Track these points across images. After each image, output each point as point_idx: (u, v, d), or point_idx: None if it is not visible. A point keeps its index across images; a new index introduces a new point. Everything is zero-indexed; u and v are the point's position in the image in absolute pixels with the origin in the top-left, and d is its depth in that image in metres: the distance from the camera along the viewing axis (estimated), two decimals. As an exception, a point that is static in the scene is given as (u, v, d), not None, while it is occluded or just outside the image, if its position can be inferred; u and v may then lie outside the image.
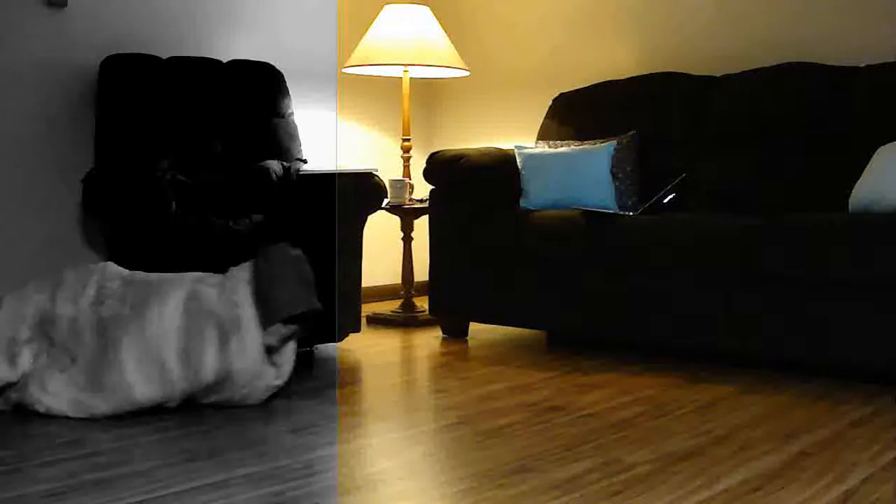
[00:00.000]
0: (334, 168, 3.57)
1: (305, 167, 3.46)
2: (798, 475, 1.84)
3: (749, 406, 2.44)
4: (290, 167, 3.37)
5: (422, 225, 4.13)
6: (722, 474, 1.85)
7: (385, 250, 4.52)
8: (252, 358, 2.40)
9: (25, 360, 2.38)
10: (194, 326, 2.37)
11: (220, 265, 2.95)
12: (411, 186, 4.05)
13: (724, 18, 3.81)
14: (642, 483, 1.80)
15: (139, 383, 2.32)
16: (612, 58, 4.15)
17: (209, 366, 2.35)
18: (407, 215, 4.03)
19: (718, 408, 2.42)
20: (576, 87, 4.08)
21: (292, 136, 3.64)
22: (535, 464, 1.93)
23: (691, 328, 2.91)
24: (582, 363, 3.04)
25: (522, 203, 3.55)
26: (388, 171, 4.42)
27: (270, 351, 2.48)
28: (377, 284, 4.55)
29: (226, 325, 2.39)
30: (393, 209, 3.98)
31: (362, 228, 3.34)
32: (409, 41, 4.02)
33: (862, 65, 3.31)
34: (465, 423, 2.28)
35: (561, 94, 4.03)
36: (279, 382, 2.49)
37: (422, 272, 4.21)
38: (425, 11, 4.16)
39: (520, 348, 3.35)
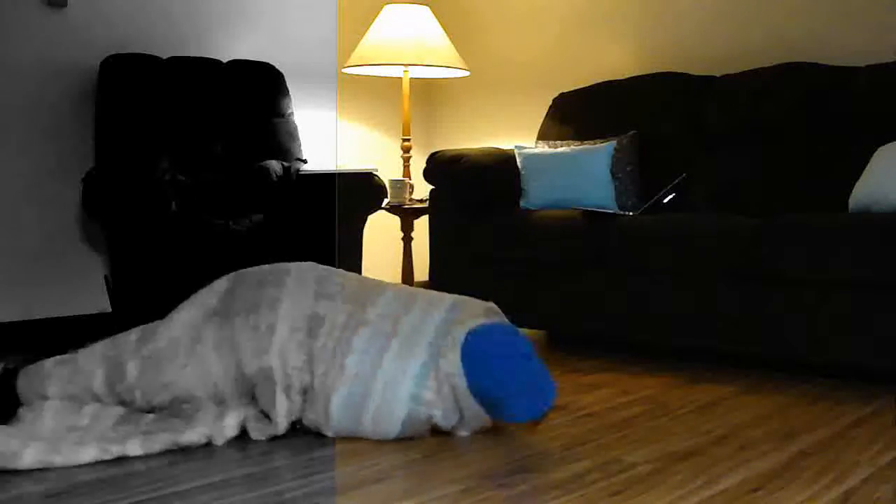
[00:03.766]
0: (334, 168, 3.57)
1: (305, 167, 3.47)
2: (798, 475, 1.84)
3: (749, 406, 2.44)
4: (290, 167, 3.38)
5: (422, 225, 4.13)
6: (722, 474, 1.85)
7: (385, 250, 4.52)
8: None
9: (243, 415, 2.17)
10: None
11: (220, 265, 2.95)
12: (411, 186, 4.05)
13: (724, 18, 3.81)
14: (642, 483, 1.80)
15: (334, 419, 2.12)
16: (611, 58, 4.15)
17: (396, 425, 2.12)
18: (407, 215, 4.03)
19: (718, 408, 2.42)
20: (576, 87, 4.08)
21: (292, 136, 3.64)
22: (535, 464, 1.93)
23: (691, 328, 2.91)
24: (582, 363, 3.04)
25: (522, 203, 3.55)
26: (388, 171, 4.42)
27: None
28: (377, 284, 4.54)
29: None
30: (393, 209, 3.98)
31: (362, 228, 3.34)
32: (409, 41, 4.02)
33: (862, 65, 3.31)
34: (465, 423, 2.28)
35: (561, 94, 4.03)
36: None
37: (422, 272, 4.21)
38: (425, 11, 4.16)
39: (520, 348, 3.34)
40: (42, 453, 1.90)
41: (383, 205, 3.67)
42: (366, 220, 3.36)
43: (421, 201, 4.01)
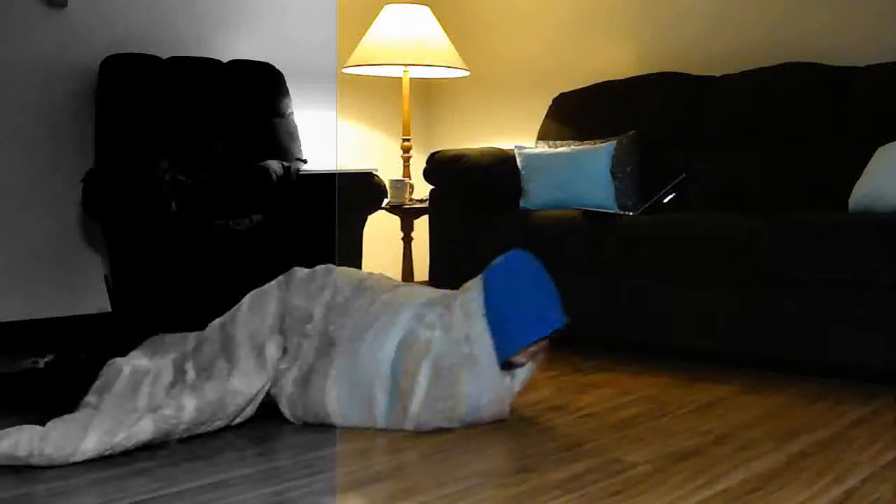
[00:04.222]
0: (334, 168, 3.57)
1: (305, 167, 3.47)
2: (798, 475, 1.84)
3: (749, 406, 2.44)
4: (290, 167, 3.38)
5: (422, 225, 4.13)
6: (722, 474, 1.85)
7: (385, 250, 4.52)
8: (492, 389, 2.20)
9: (272, 355, 2.24)
10: (411, 366, 2.15)
11: (220, 265, 2.95)
12: (411, 186, 4.05)
13: (724, 18, 3.81)
14: (642, 483, 1.80)
15: (336, 413, 2.18)
16: (611, 58, 4.15)
17: (416, 407, 2.15)
18: (407, 215, 4.03)
19: (718, 408, 2.42)
20: (576, 87, 4.08)
21: (292, 136, 3.64)
22: (535, 464, 1.93)
23: (691, 328, 2.91)
24: (582, 363, 3.04)
25: (522, 203, 3.55)
26: (388, 171, 4.42)
27: (512, 366, 2.27)
28: (377, 284, 4.55)
29: (450, 363, 2.16)
30: (393, 209, 3.98)
31: (362, 228, 3.34)
32: (409, 41, 4.02)
33: (862, 65, 3.31)
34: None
35: (561, 94, 4.03)
36: (516, 391, 2.30)
37: (422, 272, 4.20)
38: (425, 11, 4.16)
39: (520, 348, 3.34)
40: (103, 436, 1.91)
41: (383, 205, 3.67)
42: (366, 220, 3.36)
43: (421, 201, 4.01)
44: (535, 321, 2.21)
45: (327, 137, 4.33)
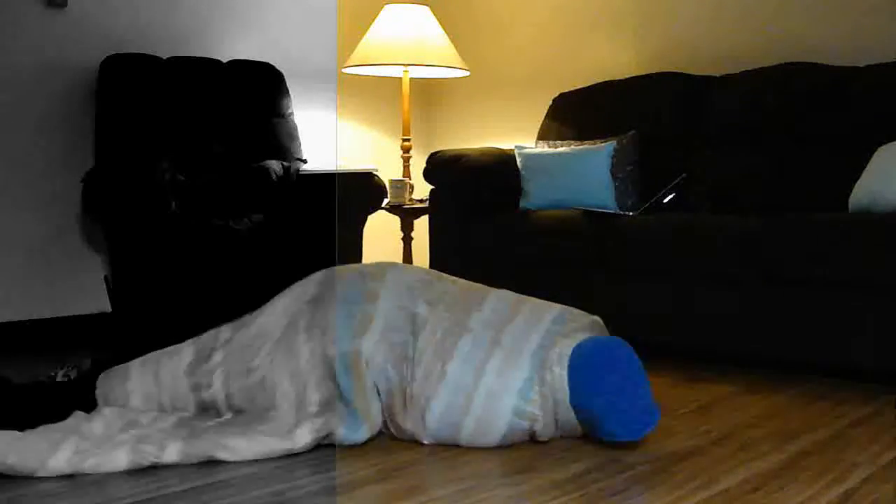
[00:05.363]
0: (334, 168, 3.57)
1: (305, 167, 3.47)
2: (798, 475, 1.84)
3: (749, 406, 2.44)
4: (290, 167, 3.38)
5: (422, 225, 4.13)
6: (722, 474, 1.85)
7: (385, 250, 4.52)
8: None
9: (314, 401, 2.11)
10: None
11: (220, 265, 2.95)
12: (411, 186, 4.05)
13: (725, 18, 3.81)
14: (642, 483, 1.80)
15: (431, 427, 2.08)
16: (611, 58, 4.15)
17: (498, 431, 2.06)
18: (407, 215, 4.03)
19: (718, 408, 2.42)
20: (576, 87, 4.08)
21: (292, 136, 3.64)
22: (535, 464, 1.93)
23: (691, 328, 2.91)
24: (582, 363, 3.04)
25: (522, 203, 3.55)
26: (388, 171, 4.42)
27: None
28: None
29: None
30: (393, 209, 3.98)
31: (362, 228, 3.34)
32: (408, 41, 4.02)
33: (862, 65, 3.31)
34: (465, 423, 2.27)
35: (561, 94, 4.03)
36: None
37: (422, 272, 4.20)
38: (425, 11, 4.16)
39: (520, 348, 3.34)
40: (73, 457, 1.84)
41: (383, 205, 3.67)
42: (366, 220, 3.36)
43: (421, 201, 4.01)
44: (631, 423, 1.99)
45: (327, 137, 4.33)
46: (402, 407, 2.09)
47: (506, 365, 2.05)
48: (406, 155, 4.21)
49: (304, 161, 3.55)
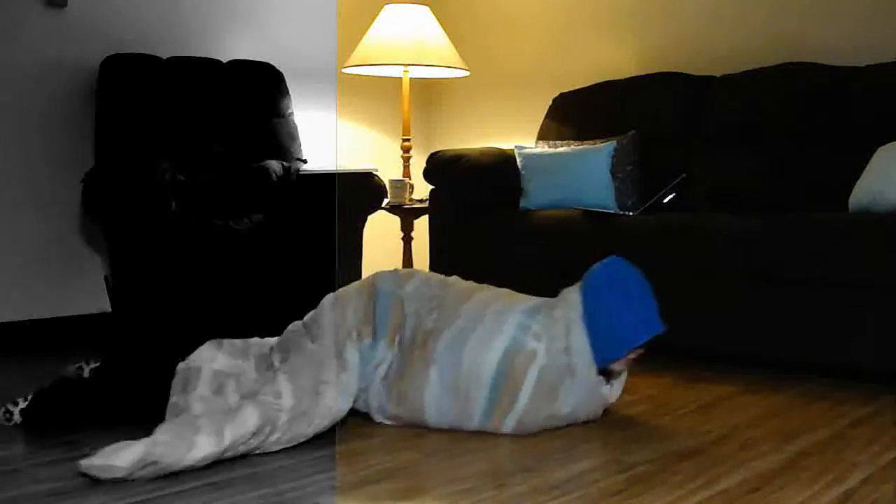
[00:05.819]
0: (334, 168, 3.57)
1: (305, 167, 3.47)
2: (798, 475, 1.84)
3: (749, 406, 2.44)
4: (290, 167, 3.37)
5: (422, 225, 4.13)
6: (722, 474, 1.85)
7: (385, 250, 4.52)
8: (589, 399, 2.21)
9: (353, 356, 2.20)
10: (517, 375, 2.14)
11: (220, 265, 2.95)
12: (411, 186, 4.05)
13: (724, 18, 3.81)
14: (642, 483, 1.80)
15: (432, 412, 2.16)
16: (611, 58, 4.15)
17: (517, 414, 2.14)
18: (407, 215, 4.03)
19: (718, 408, 2.42)
20: (576, 87, 4.08)
21: (292, 136, 3.64)
22: (535, 464, 1.93)
23: (691, 328, 2.91)
24: (582, 363, 3.04)
25: (522, 203, 3.55)
26: (388, 171, 4.42)
27: (610, 374, 2.30)
28: (377, 284, 4.55)
29: (554, 375, 2.15)
30: (393, 209, 3.98)
31: (362, 228, 3.34)
32: (409, 41, 4.02)
33: (862, 65, 3.31)
34: (465, 423, 2.27)
35: (561, 94, 4.03)
36: (612, 400, 2.33)
37: (422, 272, 4.20)
38: (425, 11, 4.16)
39: (520, 348, 3.34)
40: (212, 441, 1.85)
41: (383, 205, 3.67)
42: (366, 220, 3.36)
43: (421, 201, 4.01)
44: (633, 329, 2.23)
45: (327, 137, 4.33)
46: (414, 344, 2.20)
47: (507, 307, 2.24)
48: (406, 155, 4.21)
49: (304, 161, 3.55)
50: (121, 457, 1.78)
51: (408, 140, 4.21)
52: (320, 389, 2.08)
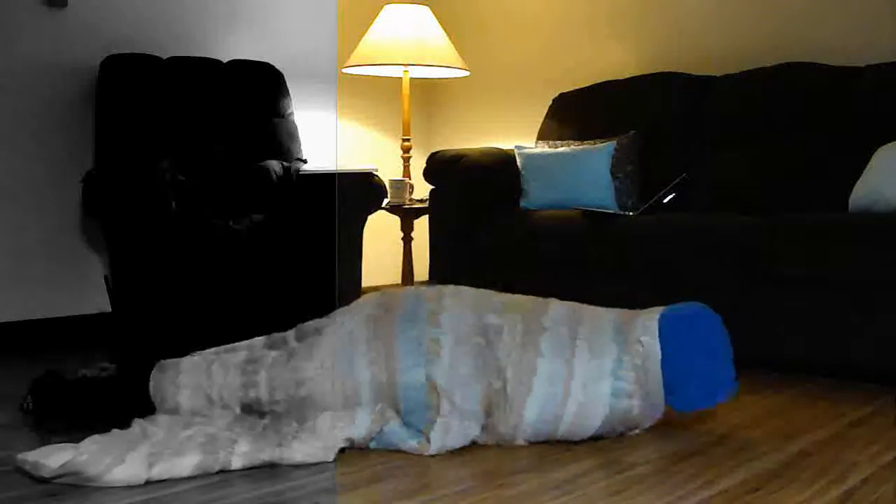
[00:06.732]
0: (334, 168, 3.57)
1: (305, 167, 3.47)
2: (798, 475, 1.84)
3: (749, 406, 2.44)
4: (290, 167, 3.38)
5: (422, 225, 4.13)
6: (722, 474, 1.85)
7: (385, 250, 4.52)
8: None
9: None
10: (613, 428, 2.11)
11: (220, 265, 2.95)
12: (411, 186, 4.05)
13: (725, 18, 3.81)
14: (642, 483, 1.80)
15: (530, 423, 2.07)
16: (611, 58, 4.15)
17: (597, 422, 2.09)
18: (407, 215, 4.03)
19: (718, 408, 2.42)
20: (576, 87, 4.08)
21: (292, 136, 3.64)
22: (535, 464, 1.93)
23: (691, 328, 2.91)
24: (582, 363, 3.03)
25: (522, 203, 3.55)
26: (388, 171, 4.42)
27: None
28: (377, 284, 4.55)
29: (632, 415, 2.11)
30: (393, 209, 3.98)
31: (362, 228, 3.34)
32: (409, 41, 4.02)
33: (862, 65, 3.31)
34: (465, 423, 2.27)
35: (561, 94, 4.03)
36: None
37: (422, 272, 4.21)
38: (425, 11, 4.16)
39: (520, 348, 3.34)
40: (137, 467, 1.79)
41: (383, 205, 3.67)
42: (366, 220, 3.36)
43: (421, 201, 4.01)
44: (709, 396, 2.11)
45: (327, 137, 4.33)
46: (498, 409, 2.07)
47: (593, 352, 2.09)
48: (406, 155, 4.21)
49: (305, 161, 3.55)
50: (52, 458, 1.78)
51: (408, 140, 4.21)
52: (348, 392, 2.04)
